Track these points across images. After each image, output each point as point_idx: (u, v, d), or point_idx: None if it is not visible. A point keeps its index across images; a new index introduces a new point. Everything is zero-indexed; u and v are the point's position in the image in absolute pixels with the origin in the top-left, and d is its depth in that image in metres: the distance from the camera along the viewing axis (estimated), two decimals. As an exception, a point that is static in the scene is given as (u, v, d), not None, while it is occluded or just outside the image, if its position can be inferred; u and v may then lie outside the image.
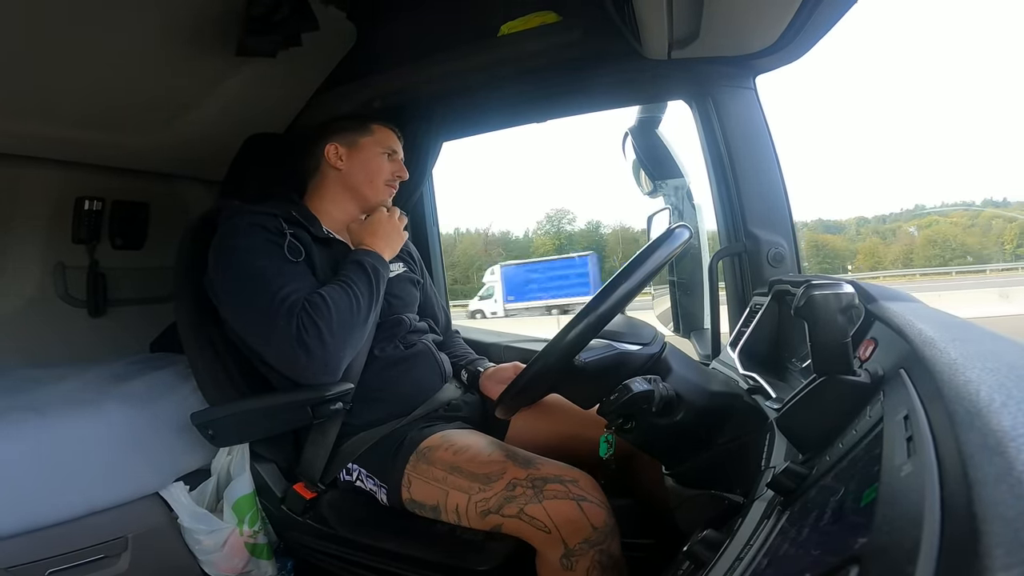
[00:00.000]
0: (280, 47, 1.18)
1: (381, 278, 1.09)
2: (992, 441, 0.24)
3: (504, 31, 1.31)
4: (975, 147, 78.89)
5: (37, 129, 1.34)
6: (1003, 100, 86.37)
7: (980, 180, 72.84)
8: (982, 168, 73.88)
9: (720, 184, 1.29)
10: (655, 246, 0.73)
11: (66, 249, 1.61)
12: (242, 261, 1.02)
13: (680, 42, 1.07)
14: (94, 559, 1.04)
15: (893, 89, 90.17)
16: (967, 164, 75.93)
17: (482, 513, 0.90)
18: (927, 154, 79.95)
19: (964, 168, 75.34)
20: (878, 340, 0.57)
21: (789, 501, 0.48)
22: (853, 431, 0.46)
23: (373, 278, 1.07)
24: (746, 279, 1.26)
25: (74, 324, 1.65)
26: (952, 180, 75.14)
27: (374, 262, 1.10)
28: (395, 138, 1.25)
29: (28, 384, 1.25)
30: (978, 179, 72.26)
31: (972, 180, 71.64)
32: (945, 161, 77.69)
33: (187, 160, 1.69)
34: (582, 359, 0.75)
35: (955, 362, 0.36)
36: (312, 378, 1.00)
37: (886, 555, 0.26)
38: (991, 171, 72.49)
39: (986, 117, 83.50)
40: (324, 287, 1.02)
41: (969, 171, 73.37)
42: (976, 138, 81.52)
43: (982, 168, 73.88)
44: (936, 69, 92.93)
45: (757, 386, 0.86)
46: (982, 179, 72.76)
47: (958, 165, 76.92)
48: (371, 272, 1.07)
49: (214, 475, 1.19)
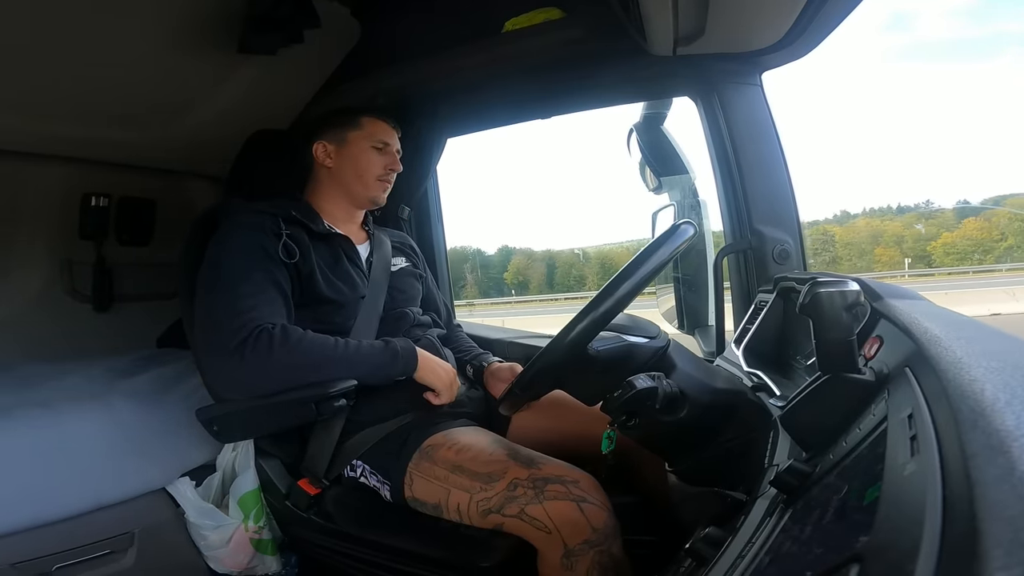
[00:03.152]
0: (282, 45, 1.18)
1: (399, 355, 1.05)
2: (995, 441, 0.24)
3: (508, 27, 1.31)
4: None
5: (45, 126, 1.35)
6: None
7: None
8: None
9: (725, 181, 1.28)
10: (659, 242, 0.73)
11: (73, 245, 1.62)
12: (227, 265, 1.02)
13: (685, 38, 1.06)
14: (100, 554, 1.05)
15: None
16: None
17: (483, 512, 0.90)
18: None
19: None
20: (883, 338, 0.57)
21: (792, 499, 0.48)
22: (857, 429, 0.46)
23: (388, 347, 1.05)
24: (751, 276, 1.26)
25: (81, 320, 1.67)
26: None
27: (405, 346, 1.07)
28: (387, 129, 1.22)
29: (35, 379, 1.26)
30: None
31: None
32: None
33: (193, 157, 1.70)
34: (594, 347, 0.74)
35: (960, 361, 0.36)
36: (225, 387, 0.99)
37: (887, 554, 0.26)
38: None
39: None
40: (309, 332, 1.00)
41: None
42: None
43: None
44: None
45: (761, 383, 0.86)
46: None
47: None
48: (392, 345, 1.05)
49: (219, 471, 1.20)
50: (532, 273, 24.02)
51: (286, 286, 1.05)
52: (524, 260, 25.24)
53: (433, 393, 1.09)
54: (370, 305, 1.15)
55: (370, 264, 1.21)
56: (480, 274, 29.77)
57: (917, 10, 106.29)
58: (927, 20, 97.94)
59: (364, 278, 1.18)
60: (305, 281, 1.07)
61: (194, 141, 1.57)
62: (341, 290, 1.11)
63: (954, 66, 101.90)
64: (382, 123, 1.22)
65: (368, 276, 1.19)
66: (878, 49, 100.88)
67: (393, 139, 1.23)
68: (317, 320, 1.07)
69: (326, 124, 1.21)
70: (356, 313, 1.13)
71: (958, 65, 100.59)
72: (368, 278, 1.18)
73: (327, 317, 1.09)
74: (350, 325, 1.11)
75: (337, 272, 1.13)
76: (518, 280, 26.74)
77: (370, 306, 1.15)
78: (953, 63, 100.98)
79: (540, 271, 25.49)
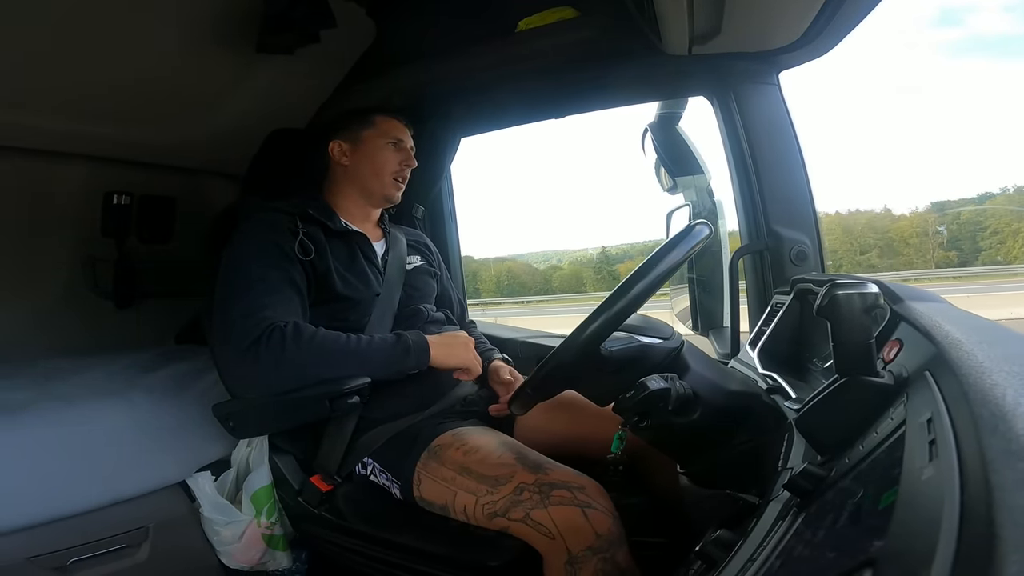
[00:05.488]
0: (298, 44, 1.19)
1: (410, 349, 1.05)
2: (1016, 446, 0.24)
3: (522, 27, 1.31)
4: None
5: (67, 126, 1.38)
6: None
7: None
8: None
9: (742, 181, 1.27)
10: (674, 243, 0.72)
11: (95, 243, 1.66)
12: (243, 265, 1.04)
13: (701, 37, 1.05)
14: (115, 548, 1.06)
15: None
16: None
17: (489, 515, 0.90)
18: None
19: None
20: (903, 341, 0.56)
21: (805, 503, 0.47)
22: (874, 433, 0.45)
23: (400, 341, 1.05)
24: (767, 277, 1.24)
25: (102, 316, 1.70)
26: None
27: (416, 339, 1.07)
28: (400, 126, 1.23)
29: (56, 375, 1.29)
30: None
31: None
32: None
33: (212, 155, 1.72)
34: (607, 348, 0.74)
35: (982, 365, 0.35)
36: (240, 385, 1.03)
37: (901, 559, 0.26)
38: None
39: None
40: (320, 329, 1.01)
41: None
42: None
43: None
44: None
45: (776, 386, 0.85)
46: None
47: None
48: (404, 339, 1.06)
49: (234, 466, 1.21)
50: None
51: (301, 284, 1.06)
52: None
53: (462, 372, 1.10)
54: (385, 302, 1.16)
55: (385, 262, 1.22)
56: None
57: (968, 5, 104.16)
58: (979, 16, 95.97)
59: (379, 276, 1.19)
60: (321, 279, 1.09)
61: (214, 140, 1.60)
62: (356, 287, 1.12)
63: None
64: (395, 121, 1.23)
65: (384, 274, 1.20)
66: (931, 44, 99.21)
67: (406, 136, 1.24)
68: (332, 317, 1.08)
69: (341, 124, 1.23)
70: (371, 310, 1.14)
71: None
72: (384, 276, 1.19)
73: (342, 314, 1.10)
74: (365, 322, 1.12)
75: (353, 270, 1.14)
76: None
77: (385, 303, 1.16)
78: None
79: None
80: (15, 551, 0.97)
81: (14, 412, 1.08)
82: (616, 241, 51.99)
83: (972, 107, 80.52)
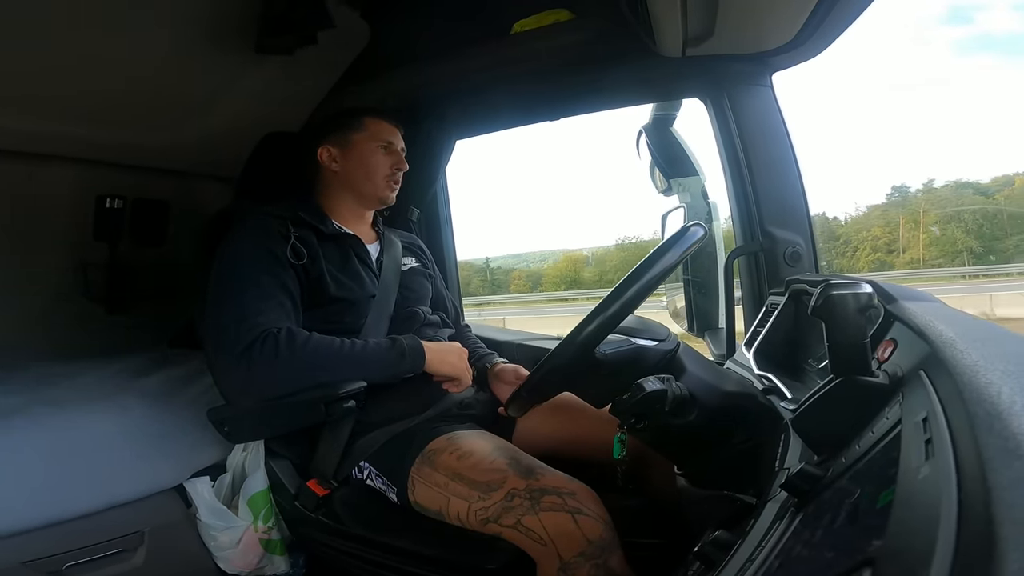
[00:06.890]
0: (297, 46, 1.19)
1: (405, 353, 1.06)
2: (1012, 444, 0.24)
3: (517, 29, 1.31)
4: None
5: (59, 129, 1.37)
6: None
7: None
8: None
9: (736, 182, 1.27)
10: (669, 244, 0.73)
11: (87, 246, 1.64)
12: (235, 270, 1.03)
13: (695, 39, 1.06)
14: (111, 553, 1.05)
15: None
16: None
17: (482, 521, 0.90)
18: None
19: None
20: (897, 341, 0.56)
21: (803, 503, 0.47)
22: (870, 433, 0.45)
23: (395, 345, 1.06)
24: (762, 278, 1.25)
25: (95, 320, 1.68)
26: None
27: (411, 343, 1.07)
28: (390, 128, 1.21)
29: (49, 379, 1.28)
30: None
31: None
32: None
33: (205, 159, 1.71)
34: (602, 351, 0.74)
35: (976, 364, 0.36)
36: (234, 392, 1.01)
37: (900, 557, 0.26)
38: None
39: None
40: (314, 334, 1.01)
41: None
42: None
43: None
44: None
45: (772, 386, 0.85)
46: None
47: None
48: (399, 343, 1.06)
49: (230, 471, 1.21)
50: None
51: (294, 289, 1.05)
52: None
53: (451, 383, 1.10)
54: (381, 304, 1.16)
55: (381, 264, 1.21)
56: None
57: (977, 2, 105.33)
58: (989, 14, 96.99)
59: (374, 277, 1.18)
60: (314, 282, 1.08)
61: (207, 143, 1.59)
62: (351, 288, 1.12)
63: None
64: (385, 123, 1.21)
65: (379, 276, 1.19)
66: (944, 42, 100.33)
67: (397, 138, 1.22)
68: (328, 320, 1.08)
69: (329, 128, 1.22)
70: (366, 312, 1.13)
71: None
72: (379, 278, 1.19)
73: (337, 317, 1.10)
74: (361, 324, 1.11)
75: (347, 271, 1.14)
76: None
77: (381, 305, 1.16)
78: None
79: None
80: (10, 556, 0.96)
81: (6, 416, 1.07)
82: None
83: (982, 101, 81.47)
